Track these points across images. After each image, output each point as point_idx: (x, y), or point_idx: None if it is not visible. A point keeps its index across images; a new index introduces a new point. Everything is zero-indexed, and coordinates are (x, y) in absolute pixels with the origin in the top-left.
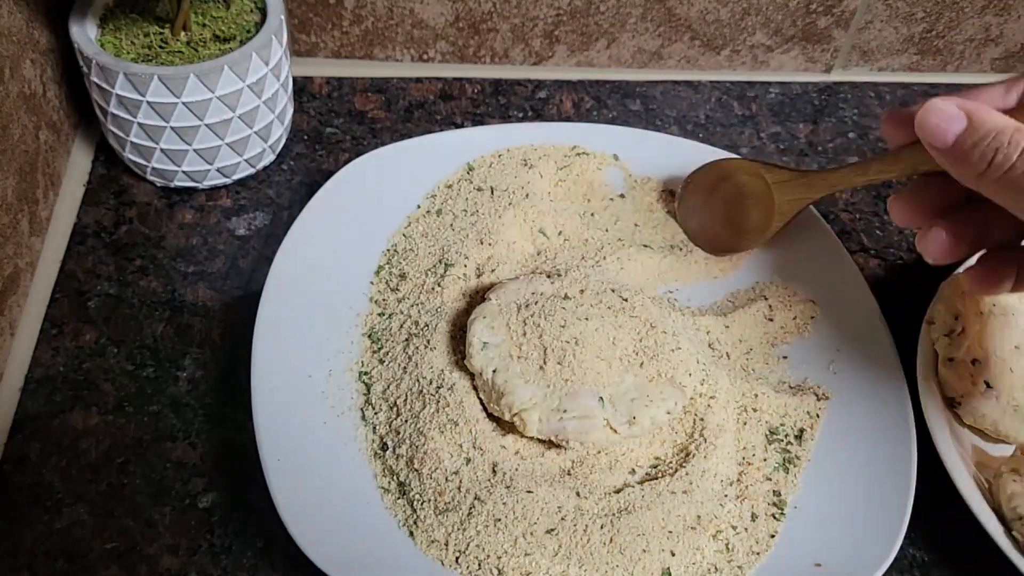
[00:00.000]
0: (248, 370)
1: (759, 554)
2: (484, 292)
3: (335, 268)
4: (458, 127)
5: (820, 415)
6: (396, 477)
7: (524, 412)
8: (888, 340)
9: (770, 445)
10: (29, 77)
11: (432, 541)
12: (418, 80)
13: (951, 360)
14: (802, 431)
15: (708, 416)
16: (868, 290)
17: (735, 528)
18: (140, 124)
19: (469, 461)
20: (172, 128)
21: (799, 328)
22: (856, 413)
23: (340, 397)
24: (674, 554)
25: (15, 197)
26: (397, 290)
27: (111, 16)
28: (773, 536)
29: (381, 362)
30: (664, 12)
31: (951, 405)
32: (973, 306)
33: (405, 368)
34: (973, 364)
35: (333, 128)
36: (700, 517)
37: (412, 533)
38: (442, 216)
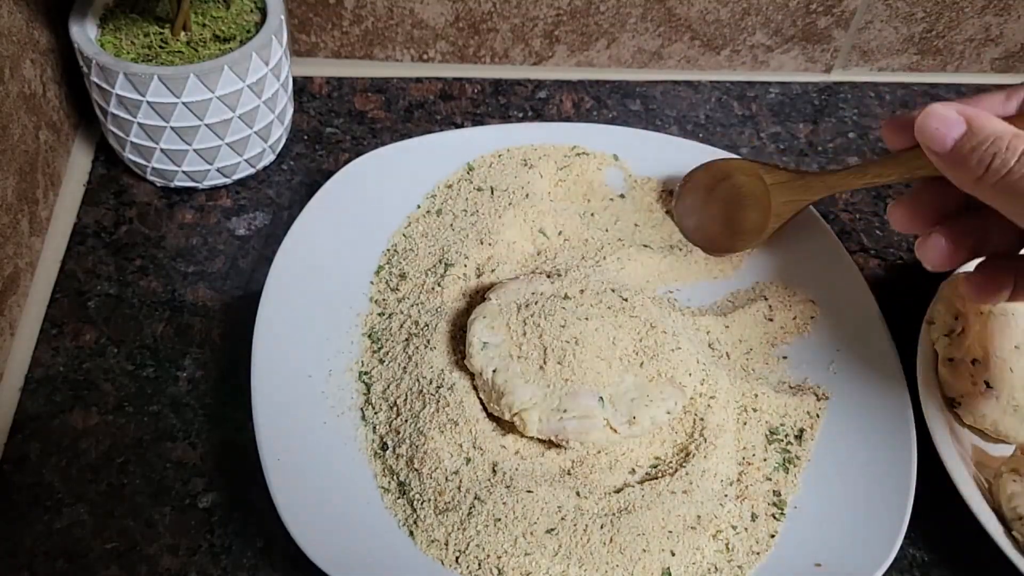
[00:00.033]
0: (248, 370)
1: (759, 554)
2: (484, 292)
3: (335, 268)
4: (458, 127)
5: (820, 415)
6: (396, 477)
7: (524, 412)
8: (888, 340)
9: (770, 445)
10: (29, 77)
11: (432, 541)
12: (418, 80)
13: (951, 360)
14: (802, 431)
15: (708, 416)
16: (868, 290)
17: (735, 528)
18: (140, 124)
19: (469, 461)
20: (172, 128)
21: (799, 328)
22: (856, 413)
23: (340, 397)
24: (674, 554)
25: (15, 197)
26: (397, 290)
27: (111, 16)
28: (773, 536)
29: (381, 362)
30: (664, 12)
31: (951, 405)
32: (973, 306)
33: (405, 368)
34: (973, 364)
35: (333, 128)
36: (700, 517)
37: (412, 533)
38: (442, 216)
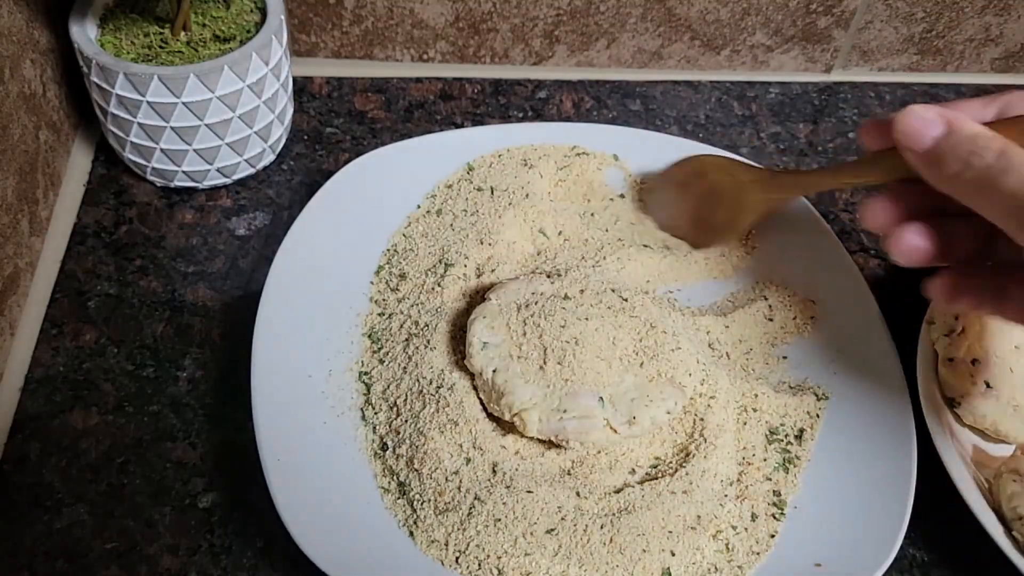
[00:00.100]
0: (248, 370)
1: (759, 554)
2: (484, 292)
3: (335, 268)
4: (458, 127)
5: (820, 415)
6: (396, 477)
7: (524, 412)
8: (888, 340)
9: (770, 445)
10: (29, 77)
11: (432, 541)
12: (418, 80)
13: (951, 360)
14: (802, 431)
15: (708, 416)
16: (868, 290)
17: (735, 528)
18: (140, 124)
19: (469, 461)
20: (172, 128)
21: (799, 328)
22: (856, 413)
23: (340, 397)
24: (674, 554)
25: (15, 197)
26: (397, 290)
27: (111, 16)
28: (773, 536)
29: (381, 362)
30: (664, 12)
31: (951, 405)
32: None
33: (405, 368)
34: (973, 364)
35: (333, 128)
36: (700, 517)
37: (412, 533)
38: (442, 216)
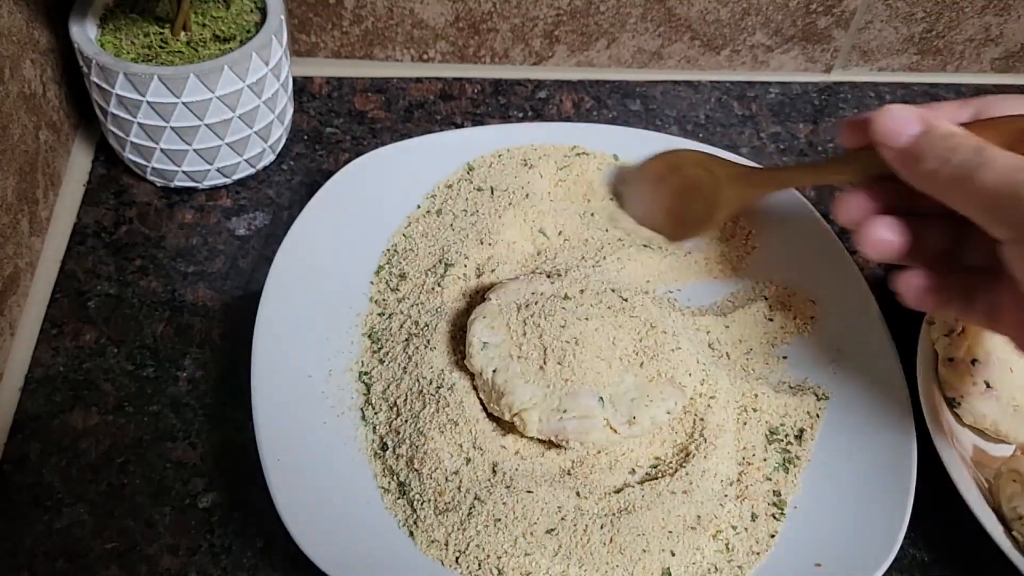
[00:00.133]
0: (248, 370)
1: (759, 554)
2: (484, 292)
3: (335, 268)
4: (458, 127)
5: (820, 415)
6: (396, 477)
7: (524, 412)
8: (888, 340)
9: (770, 445)
10: (29, 77)
11: (432, 541)
12: (418, 80)
13: (951, 360)
14: (802, 431)
15: (708, 416)
16: (868, 290)
17: (735, 528)
18: (140, 124)
19: (469, 461)
20: (172, 128)
21: (799, 328)
22: (856, 413)
23: (340, 397)
24: (674, 554)
25: (15, 197)
26: (397, 290)
27: (111, 16)
28: (773, 536)
29: (381, 362)
30: (664, 12)
31: (951, 405)
32: None
33: (405, 368)
34: (973, 364)
35: (333, 128)
36: (700, 517)
37: (412, 533)
38: (442, 216)
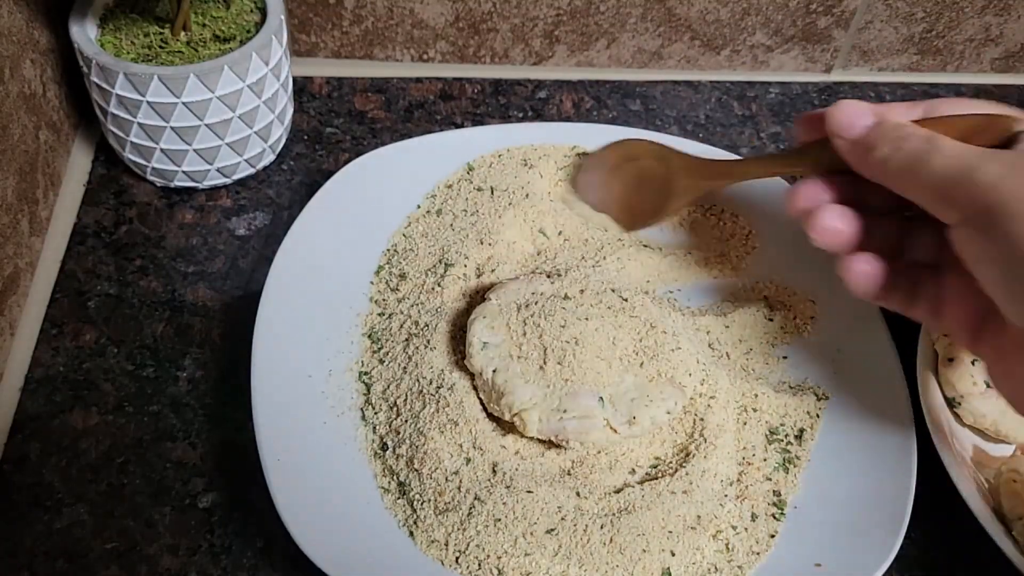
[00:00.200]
0: (248, 370)
1: (759, 554)
2: (484, 292)
3: (335, 268)
4: (458, 127)
5: (820, 415)
6: (396, 477)
7: (524, 412)
8: (888, 340)
9: (770, 445)
10: (29, 77)
11: (432, 541)
12: (418, 80)
13: (951, 360)
14: (802, 431)
15: (708, 416)
16: None
17: (735, 528)
18: (140, 124)
19: (469, 461)
20: (172, 128)
21: (799, 328)
22: (856, 413)
23: (340, 397)
24: (674, 554)
25: (15, 197)
26: (397, 290)
27: (111, 16)
28: (773, 536)
29: (381, 362)
30: (664, 12)
31: (951, 405)
32: None
33: (405, 368)
34: (973, 364)
35: (333, 128)
36: (700, 517)
37: (412, 533)
38: (442, 216)
